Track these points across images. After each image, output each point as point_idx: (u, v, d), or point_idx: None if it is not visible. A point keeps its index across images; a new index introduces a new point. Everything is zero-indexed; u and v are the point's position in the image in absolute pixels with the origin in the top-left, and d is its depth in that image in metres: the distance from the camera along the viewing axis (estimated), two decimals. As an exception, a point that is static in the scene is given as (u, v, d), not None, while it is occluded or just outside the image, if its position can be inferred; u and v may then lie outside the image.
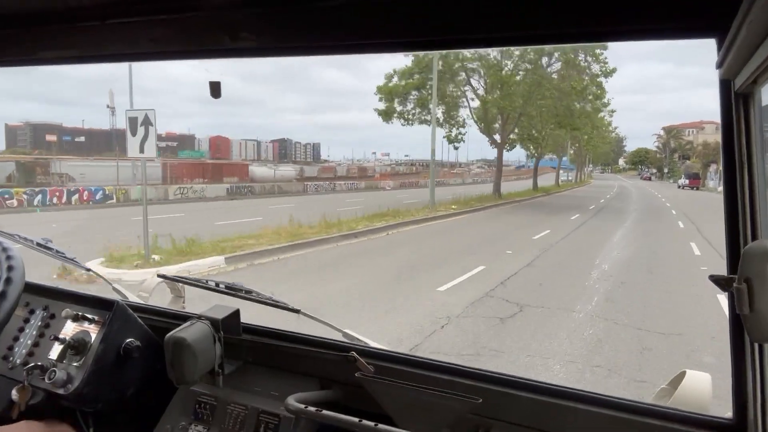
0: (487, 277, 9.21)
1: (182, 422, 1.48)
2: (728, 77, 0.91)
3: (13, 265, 1.31)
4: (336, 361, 1.38)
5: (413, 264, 10.69)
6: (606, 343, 6.01)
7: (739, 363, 1.03)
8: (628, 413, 1.15)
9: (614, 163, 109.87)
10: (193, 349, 1.32)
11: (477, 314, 6.97)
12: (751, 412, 1.01)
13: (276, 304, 1.62)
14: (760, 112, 0.92)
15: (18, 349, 1.57)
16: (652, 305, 7.71)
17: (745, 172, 0.93)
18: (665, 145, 75.59)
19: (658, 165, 79.08)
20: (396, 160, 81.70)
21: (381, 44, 1.21)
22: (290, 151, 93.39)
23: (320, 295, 7.68)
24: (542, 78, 25.75)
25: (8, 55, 1.52)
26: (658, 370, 5.24)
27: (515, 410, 1.25)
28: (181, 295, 1.96)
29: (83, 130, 60.88)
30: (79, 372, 1.46)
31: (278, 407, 1.38)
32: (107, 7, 1.28)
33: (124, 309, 1.57)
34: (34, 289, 1.68)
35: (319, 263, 10.75)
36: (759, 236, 0.93)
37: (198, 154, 62.13)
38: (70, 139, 56.18)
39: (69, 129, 59.50)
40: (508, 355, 5.62)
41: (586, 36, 1.04)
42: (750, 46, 0.73)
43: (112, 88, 59.77)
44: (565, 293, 8.29)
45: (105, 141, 58.69)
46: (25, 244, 1.82)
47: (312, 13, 1.15)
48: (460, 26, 1.07)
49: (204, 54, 1.35)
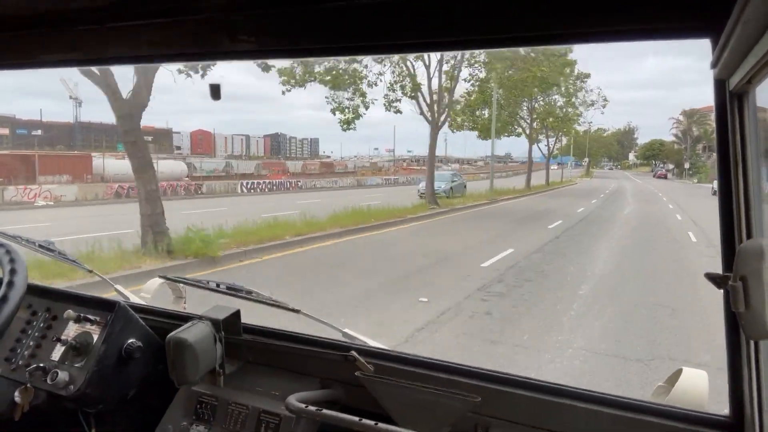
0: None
1: (183, 422, 1.49)
2: (723, 77, 0.92)
3: (16, 269, 1.32)
4: (336, 360, 1.39)
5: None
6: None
7: (735, 360, 1.04)
8: (625, 411, 1.16)
9: (623, 157, 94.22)
10: (194, 349, 1.33)
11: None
12: (748, 409, 1.02)
13: (276, 304, 1.63)
14: (755, 111, 0.93)
15: (20, 351, 1.58)
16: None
17: (740, 171, 0.94)
18: (686, 134, 58.32)
19: (677, 159, 62.73)
20: (395, 156, 79.48)
21: (380, 46, 1.22)
22: (284, 146, 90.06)
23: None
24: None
25: (9, 58, 1.53)
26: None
27: (514, 409, 1.25)
28: (182, 296, 1.97)
29: (40, 123, 56.93)
30: (81, 373, 1.47)
31: (279, 407, 1.38)
32: (107, 10, 1.28)
33: (125, 310, 1.58)
34: (36, 291, 1.69)
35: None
36: (754, 234, 0.94)
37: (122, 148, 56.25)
38: (26, 132, 52.34)
39: (23, 122, 55.78)
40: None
41: (579, 37, 1.05)
42: (744, 46, 0.74)
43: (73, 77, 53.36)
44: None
45: (66, 135, 55.54)
46: (27, 245, 1.83)
47: (311, 16, 1.16)
48: (459, 28, 1.08)
49: (204, 56, 1.36)
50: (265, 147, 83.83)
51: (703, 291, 7.24)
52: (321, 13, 1.14)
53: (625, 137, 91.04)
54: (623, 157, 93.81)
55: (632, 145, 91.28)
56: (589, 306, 7.08)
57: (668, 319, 6.53)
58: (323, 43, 1.22)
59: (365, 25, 1.14)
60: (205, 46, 1.31)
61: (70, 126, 57.73)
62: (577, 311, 6.79)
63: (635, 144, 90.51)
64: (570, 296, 7.56)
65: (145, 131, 12.81)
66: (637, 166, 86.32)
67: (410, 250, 11.66)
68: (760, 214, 0.93)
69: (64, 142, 53.36)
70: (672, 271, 9.47)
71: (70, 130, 57.28)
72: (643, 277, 9.25)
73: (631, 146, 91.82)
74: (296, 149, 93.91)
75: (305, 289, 7.57)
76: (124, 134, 9.21)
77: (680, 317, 6.57)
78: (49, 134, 55.32)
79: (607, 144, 70.50)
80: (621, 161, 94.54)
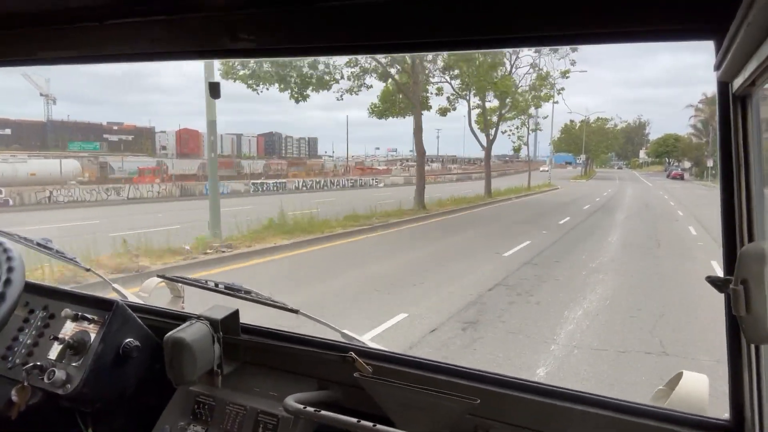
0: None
1: (181, 422, 1.48)
2: (726, 79, 0.92)
3: (13, 267, 1.31)
4: (334, 361, 1.38)
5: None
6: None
7: (736, 364, 1.04)
8: (625, 414, 1.16)
9: (633, 155, 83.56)
10: (192, 349, 1.33)
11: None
12: (748, 413, 1.02)
13: (275, 305, 1.62)
14: (758, 114, 0.92)
15: (17, 349, 1.57)
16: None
17: (742, 173, 0.94)
18: (707, 124, 48.15)
19: (696, 156, 52.48)
20: (389, 156, 75.90)
21: (379, 45, 1.22)
22: (279, 146, 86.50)
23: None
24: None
25: (8, 55, 1.52)
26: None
27: (513, 411, 1.25)
28: (180, 296, 1.96)
29: (9, 122, 55.83)
30: (78, 372, 1.47)
31: (277, 407, 1.38)
32: (107, 7, 1.28)
33: (123, 309, 1.57)
34: (33, 289, 1.69)
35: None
36: (755, 238, 0.93)
37: (92, 146, 55.26)
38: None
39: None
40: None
41: (584, 38, 1.04)
42: (748, 49, 0.74)
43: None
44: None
45: (37, 134, 54.37)
46: (25, 243, 1.82)
47: (311, 14, 1.15)
48: (459, 28, 1.07)
49: (203, 55, 1.35)
50: (258, 146, 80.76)
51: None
52: (321, 12, 1.13)
53: (635, 133, 79.48)
54: (633, 155, 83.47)
55: (643, 141, 79.95)
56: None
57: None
58: (323, 41, 1.21)
59: (365, 25, 1.14)
60: (205, 44, 1.30)
61: (41, 124, 56.28)
62: None
63: (646, 140, 78.77)
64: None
65: (125, 130, 11.64)
66: (648, 165, 76.74)
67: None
68: (762, 217, 0.92)
69: (34, 141, 52.12)
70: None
71: (41, 129, 55.78)
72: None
73: (642, 143, 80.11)
74: (293, 149, 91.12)
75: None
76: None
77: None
78: (17, 133, 54.17)
79: (612, 138, 58.53)
80: (630, 159, 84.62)
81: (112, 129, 65.80)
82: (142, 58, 1.47)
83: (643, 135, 79.76)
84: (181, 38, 1.31)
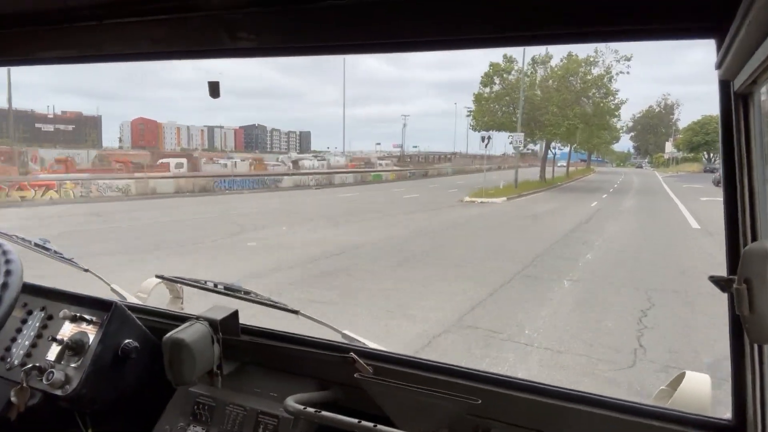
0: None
1: (180, 423, 1.48)
2: (727, 78, 0.91)
3: (10, 269, 1.30)
4: (335, 362, 1.37)
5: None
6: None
7: (739, 364, 1.03)
8: (627, 414, 1.15)
9: (656, 149, 60.02)
10: (191, 349, 1.32)
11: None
12: (751, 413, 1.01)
13: (275, 305, 1.62)
14: (760, 112, 0.92)
15: (16, 350, 1.57)
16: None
17: (745, 172, 0.93)
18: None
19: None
20: (390, 152, 69.66)
21: (381, 44, 1.21)
22: (262, 139, 77.18)
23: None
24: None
25: (6, 54, 1.52)
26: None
27: (514, 411, 1.25)
28: (179, 296, 1.96)
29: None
30: (77, 373, 1.46)
31: (277, 408, 1.37)
32: (106, 6, 1.27)
33: (122, 310, 1.56)
34: (31, 290, 1.68)
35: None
36: (759, 237, 0.93)
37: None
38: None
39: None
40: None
41: (584, 36, 1.04)
42: (749, 47, 0.73)
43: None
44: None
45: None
46: (23, 244, 1.82)
47: (312, 13, 1.15)
48: (460, 27, 1.07)
49: (203, 54, 1.35)
50: (237, 140, 72.84)
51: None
52: (321, 11, 1.13)
53: (659, 119, 57.21)
54: (657, 149, 59.73)
55: (669, 130, 56.84)
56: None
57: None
58: (323, 40, 1.21)
59: (366, 24, 1.13)
60: (204, 43, 1.30)
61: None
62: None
63: (674, 130, 55.70)
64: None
65: (64, 119, 9.77)
66: (677, 162, 52.86)
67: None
68: (765, 216, 0.92)
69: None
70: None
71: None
72: None
73: (669, 132, 57.03)
74: (279, 143, 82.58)
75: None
76: None
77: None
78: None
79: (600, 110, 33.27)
80: (653, 155, 61.45)
81: (47, 117, 57.68)
82: (142, 58, 1.46)
83: (671, 122, 57.94)
84: (181, 37, 1.31)
